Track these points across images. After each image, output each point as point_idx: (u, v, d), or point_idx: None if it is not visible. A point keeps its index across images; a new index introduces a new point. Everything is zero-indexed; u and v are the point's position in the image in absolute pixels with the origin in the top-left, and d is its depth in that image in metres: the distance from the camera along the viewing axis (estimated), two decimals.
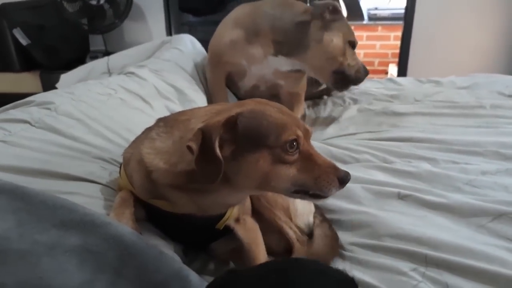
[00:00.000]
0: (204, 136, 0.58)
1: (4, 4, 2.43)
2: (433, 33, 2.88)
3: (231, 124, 0.60)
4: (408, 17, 2.89)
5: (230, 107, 0.66)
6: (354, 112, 1.53)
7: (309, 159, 0.63)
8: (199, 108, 0.74)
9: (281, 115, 0.63)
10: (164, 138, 0.70)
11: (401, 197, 0.92)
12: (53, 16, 2.60)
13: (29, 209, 0.54)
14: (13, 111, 0.97)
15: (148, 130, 0.77)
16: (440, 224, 0.82)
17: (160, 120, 0.77)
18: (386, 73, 4.10)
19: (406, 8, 2.91)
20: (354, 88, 1.83)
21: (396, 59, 3.97)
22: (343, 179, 0.63)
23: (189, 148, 0.58)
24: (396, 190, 0.93)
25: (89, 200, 0.73)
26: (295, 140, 0.62)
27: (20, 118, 0.92)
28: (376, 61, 4.22)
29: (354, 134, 1.33)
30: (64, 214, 0.56)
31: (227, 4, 2.99)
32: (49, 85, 2.56)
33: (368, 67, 4.34)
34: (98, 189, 0.78)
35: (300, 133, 0.63)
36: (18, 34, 2.40)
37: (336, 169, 0.63)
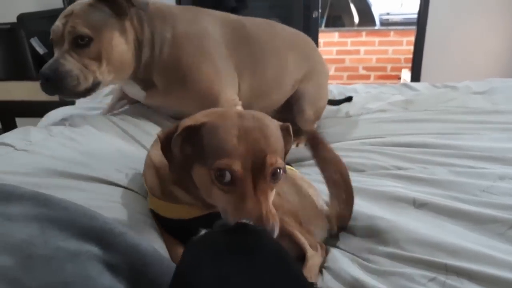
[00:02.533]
0: (174, 131, 0.63)
1: (22, 15, 2.49)
2: (446, 37, 2.86)
3: (194, 130, 0.63)
4: (421, 21, 2.88)
5: (221, 112, 0.67)
6: (367, 117, 1.52)
7: (239, 195, 0.60)
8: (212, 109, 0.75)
9: (234, 140, 0.60)
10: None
11: (417, 205, 0.91)
12: None
13: (52, 215, 0.55)
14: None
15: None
16: (458, 232, 0.81)
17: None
18: (399, 78, 4.08)
19: (419, 13, 2.90)
20: (365, 92, 1.84)
21: (409, 64, 3.95)
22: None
23: (158, 136, 0.65)
24: (411, 197, 0.92)
25: (107, 204, 0.75)
26: (224, 170, 0.59)
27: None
28: (389, 66, 4.20)
29: (367, 138, 1.33)
30: (85, 221, 0.57)
31: (238, 13, 3.02)
32: None
33: (380, 73, 4.34)
34: (117, 192, 0.80)
35: (236, 167, 0.59)
36: (35, 43, 2.46)
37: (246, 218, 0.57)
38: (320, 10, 3.08)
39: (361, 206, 0.92)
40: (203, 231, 0.50)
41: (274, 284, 0.40)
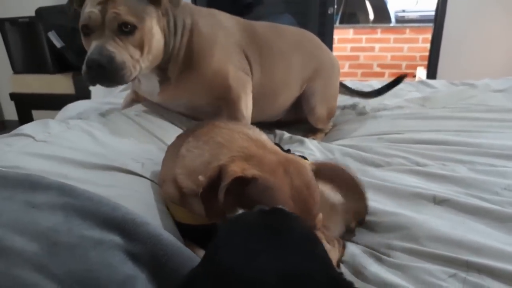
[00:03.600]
0: (218, 176, 0.59)
1: (40, 8, 2.53)
2: (464, 35, 2.82)
3: (244, 181, 0.59)
4: (438, 19, 2.83)
5: (261, 159, 0.64)
6: (384, 113, 1.51)
7: None
8: (240, 132, 0.73)
9: (290, 203, 0.59)
10: (194, 156, 0.71)
11: (437, 201, 0.89)
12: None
13: (76, 204, 0.56)
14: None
15: (174, 147, 0.79)
16: (479, 230, 0.79)
17: (186, 135, 0.78)
18: (414, 76, 4.03)
19: (437, 10, 2.86)
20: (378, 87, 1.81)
21: (425, 62, 3.90)
22: None
23: (200, 180, 0.62)
24: (431, 194, 0.91)
25: (127, 192, 0.75)
26: None
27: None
28: (404, 64, 4.16)
29: (385, 135, 1.31)
30: (108, 211, 0.57)
31: (254, 9, 3.01)
32: (81, 86, 2.64)
33: (395, 70, 4.30)
34: (135, 181, 0.81)
35: None
36: (53, 36, 2.49)
37: None
38: (335, 6, 3.06)
39: (380, 202, 0.91)
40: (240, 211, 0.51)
41: (301, 265, 0.40)
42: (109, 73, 0.95)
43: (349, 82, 1.90)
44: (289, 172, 0.62)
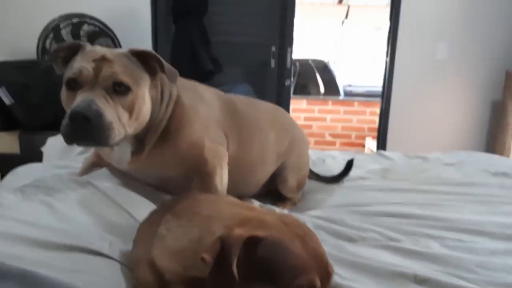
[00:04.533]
0: (223, 249, 0.54)
1: None
2: (409, 110, 3.07)
3: (252, 244, 0.55)
4: (386, 94, 3.07)
5: (258, 219, 0.61)
6: (348, 184, 1.53)
7: None
8: (224, 202, 0.70)
9: (304, 254, 0.57)
10: (177, 234, 0.64)
11: (418, 281, 0.88)
12: (39, 76, 2.58)
13: None
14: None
15: (148, 225, 0.72)
16: None
17: (162, 212, 0.72)
18: (363, 146, 4.25)
19: (383, 86, 3.11)
20: (342, 159, 1.87)
21: (373, 133, 4.16)
22: None
23: (203, 260, 0.53)
24: (412, 273, 0.89)
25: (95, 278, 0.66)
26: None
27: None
28: (353, 134, 4.40)
29: (354, 206, 1.32)
30: None
31: (214, 76, 3.08)
32: (27, 146, 2.46)
33: (345, 140, 4.52)
34: (102, 264, 0.71)
35: (317, 282, 0.55)
36: (2, 93, 2.35)
37: None
38: (292, 79, 3.22)
39: (359, 282, 0.87)
40: None
41: None
42: (94, 129, 0.87)
43: (312, 152, 1.94)
44: (290, 225, 0.60)
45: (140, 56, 0.99)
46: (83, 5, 2.84)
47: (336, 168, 1.68)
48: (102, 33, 2.75)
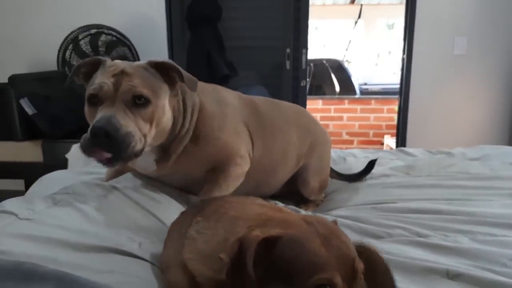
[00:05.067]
0: (241, 249, 0.54)
1: (14, 76, 2.47)
2: (428, 105, 3.02)
3: (269, 244, 0.55)
4: (404, 90, 3.03)
5: (280, 219, 0.61)
6: (372, 182, 1.51)
7: None
8: (252, 203, 0.70)
9: (323, 251, 0.55)
10: (207, 237, 0.65)
11: (451, 276, 0.86)
12: (60, 87, 2.64)
13: None
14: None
15: (179, 226, 0.73)
16: None
17: (193, 213, 0.72)
18: (382, 143, 4.20)
19: (401, 83, 3.07)
20: (363, 157, 1.85)
21: (391, 131, 4.11)
22: None
23: (220, 259, 0.54)
24: (444, 268, 0.88)
25: (128, 279, 0.67)
26: (326, 286, 0.53)
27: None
28: (371, 132, 4.35)
29: (378, 204, 1.30)
30: None
31: (229, 80, 3.10)
32: (50, 154, 2.52)
33: (363, 138, 4.48)
34: (133, 264, 0.72)
35: (338, 280, 0.53)
36: (25, 103, 2.41)
37: None
38: (308, 79, 3.22)
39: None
40: None
41: None
42: (115, 143, 0.88)
43: (332, 150, 1.92)
44: (312, 223, 0.59)
45: (159, 67, 1.00)
46: (101, 16, 2.90)
47: (357, 166, 1.66)
48: (119, 43, 2.81)
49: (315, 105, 4.45)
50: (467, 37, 2.92)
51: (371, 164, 1.57)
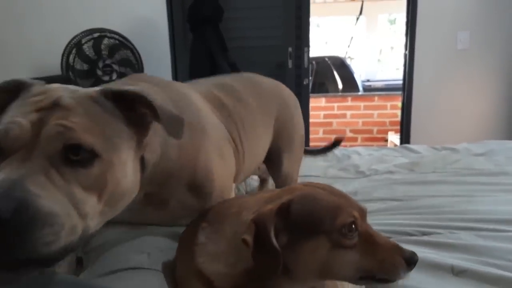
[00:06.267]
0: (258, 226, 0.55)
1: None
2: (432, 102, 3.01)
3: (284, 211, 0.58)
4: (407, 87, 3.02)
5: (279, 193, 0.64)
6: (375, 178, 1.52)
7: (369, 241, 0.60)
8: (246, 197, 0.73)
9: (333, 197, 0.61)
10: (216, 239, 0.66)
11: (456, 272, 0.87)
12: None
13: None
14: None
15: (188, 237, 0.73)
16: None
17: (199, 221, 0.73)
18: (385, 140, 4.19)
19: (404, 79, 3.06)
20: (368, 154, 1.85)
21: (395, 127, 4.10)
22: (410, 260, 0.60)
23: (244, 241, 0.55)
24: (449, 264, 0.88)
25: None
26: (353, 222, 0.58)
27: None
28: (375, 129, 4.34)
29: (382, 200, 1.31)
30: None
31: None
32: None
33: (367, 135, 4.47)
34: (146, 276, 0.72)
35: (356, 214, 0.60)
36: None
37: (401, 249, 0.61)
38: (310, 78, 3.22)
39: None
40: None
41: None
42: (14, 233, 0.47)
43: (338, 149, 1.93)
44: (310, 184, 0.65)
45: (118, 99, 0.62)
46: (103, 19, 2.92)
47: (362, 163, 1.67)
48: (122, 46, 2.83)
49: (318, 103, 4.45)
50: (470, 31, 2.91)
51: (337, 142, 1.55)
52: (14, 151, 0.53)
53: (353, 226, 0.58)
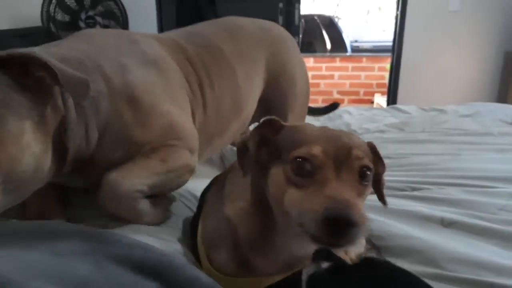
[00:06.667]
0: (251, 134, 0.60)
1: None
2: (420, 64, 3.02)
3: (274, 129, 0.59)
4: (397, 49, 3.02)
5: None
6: (366, 137, 1.55)
7: (321, 188, 0.49)
8: None
9: (317, 133, 0.56)
10: (238, 183, 0.67)
11: (445, 224, 0.91)
12: (43, 43, 2.55)
13: (105, 249, 0.50)
14: None
15: (216, 188, 0.75)
16: (492, 250, 0.82)
17: (223, 176, 0.75)
18: (372, 102, 4.23)
19: (394, 41, 3.05)
20: (358, 114, 1.87)
21: (382, 89, 4.12)
22: (328, 216, 0.45)
23: (240, 139, 0.60)
24: (439, 216, 0.93)
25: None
26: (305, 159, 0.51)
27: None
28: (362, 91, 4.36)
29: None
30: (141, 254, 0.52)
31: None
32: None
33: (353, 97, 4.49)
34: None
35: (316, 152, 0.51)
36: None
37: (330, 201, 0.46)
38: (300, 36, 3.16)
39: (391, 226, 0.91)
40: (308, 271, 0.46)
41: None
42: None
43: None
44: (328, 129, 0.60)
45: (6, 65, 0.56)
46: None
47: (353, 123, 1.69)
48: None
49: (306, 63, 4.35)
50: None
51: (335, 105, 1.52)
52: None
53: (308, 165, 0.51)
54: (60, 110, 0.63)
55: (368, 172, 0.54)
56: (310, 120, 1.69)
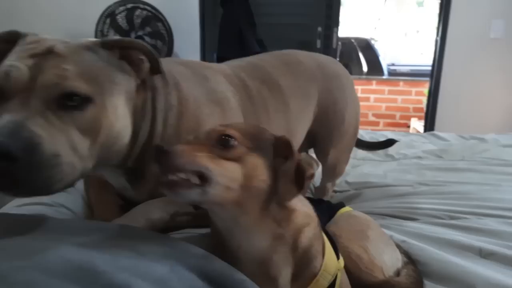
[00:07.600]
0: None
1: None
2: (459, 90, 2.98)
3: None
4: (435, 74, 3.00)
5: None
6: (404, 162, 1.56)
7: None
8: None
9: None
10: None
11: (483, 255, 0.92)
12: None
13: (178, 255, 0.56)
14: None
15: None
16: None
17: None
18: (408, 126, 4.18)
19: (433, 65, 3.03)
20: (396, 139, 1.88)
21: (418, 114, 4.08)
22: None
23: None
24: (477, 246, 0.93)
25: None
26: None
27: None
28: (398, 114, 4.33)
29: (410, 184, 1.35)
30: (205, 265, 0.56)
31: None
32: None
33: (389, 120, 4.44)
34: None
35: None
36: None
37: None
38: (337, 59, 3.22)
39: (429, 251, 0.91)
40: None
41: None
42: (26, 171, 0.53)
43: (362, 132, 1.97)
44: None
45: (114, 48, 0.67)
46: None
47: (390, 147, 1.71)
48: (154, 18, 2.86)
49: None
50: (505, 19, 2.84)
51: (392, 141, 1.52)
52: (13, 93, 0.58)
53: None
54: (143, 94, 0.73)
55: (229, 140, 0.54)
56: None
